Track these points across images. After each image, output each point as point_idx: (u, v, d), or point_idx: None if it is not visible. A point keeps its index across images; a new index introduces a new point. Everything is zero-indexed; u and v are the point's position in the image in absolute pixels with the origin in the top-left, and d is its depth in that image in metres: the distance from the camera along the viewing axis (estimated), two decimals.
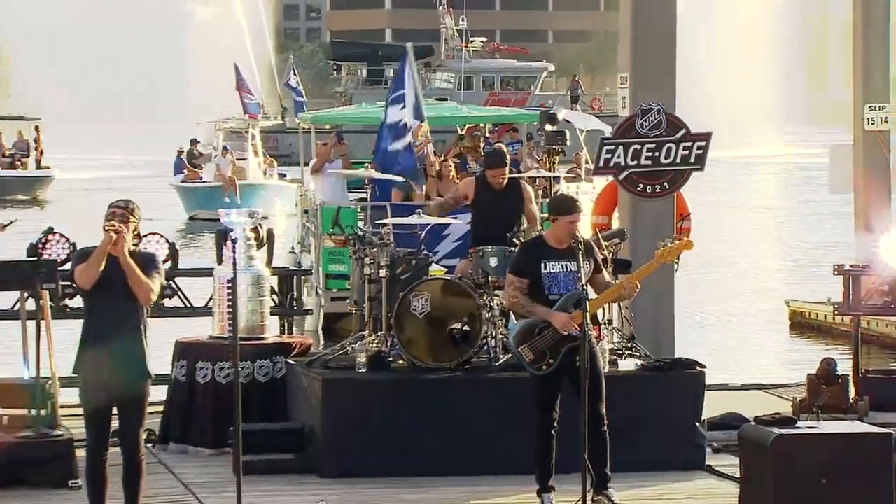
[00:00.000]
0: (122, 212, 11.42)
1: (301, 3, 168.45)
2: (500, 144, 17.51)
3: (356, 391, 14.17)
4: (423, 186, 22.92)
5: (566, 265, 12.54)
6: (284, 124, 62.83)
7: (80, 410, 12.67)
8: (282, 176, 48.69)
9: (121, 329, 11.62)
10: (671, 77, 16.45)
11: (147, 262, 11.51)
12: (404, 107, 16.56)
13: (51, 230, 17.69)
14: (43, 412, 14.00)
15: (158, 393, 15.28)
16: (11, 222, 18.44)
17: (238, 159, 52.15)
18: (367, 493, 13.13)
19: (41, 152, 63.48)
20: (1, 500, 13.20)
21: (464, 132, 30.12)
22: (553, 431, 12.48)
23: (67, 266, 15.73)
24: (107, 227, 11.27)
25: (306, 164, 29.84)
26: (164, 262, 17.59)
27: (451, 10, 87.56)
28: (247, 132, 53.82)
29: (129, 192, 49.12)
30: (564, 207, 12.83)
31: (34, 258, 16.26)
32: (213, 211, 38.30)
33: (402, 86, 16.87)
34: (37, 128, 66.68)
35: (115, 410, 11.77)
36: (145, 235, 16.88)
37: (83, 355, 11.60)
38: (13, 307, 16.60)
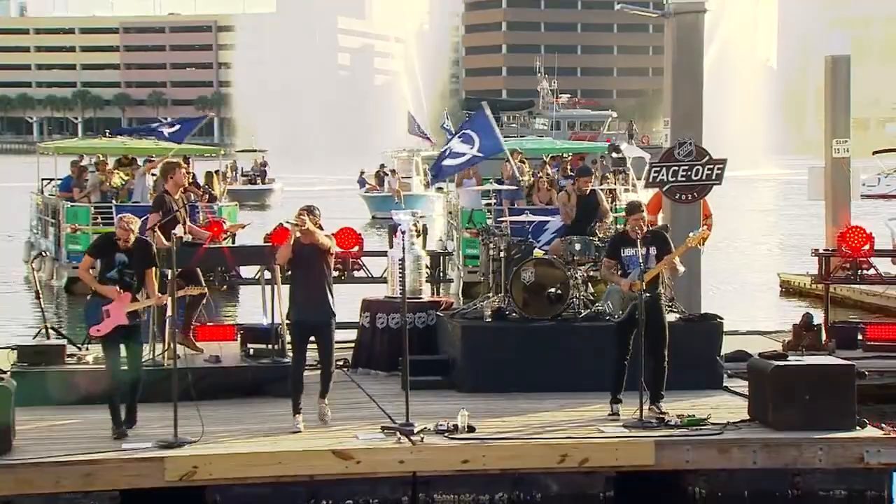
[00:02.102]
0: (304, 212, 12.36)
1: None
2: (587, 164, 17.77)
3: (483, 334, 14.42)
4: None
5: (636, 250, 12.68)
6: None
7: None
8: (438, 189, 49.35)
9: (314, 287, 12.55)
10: (699, 121, 16.54)
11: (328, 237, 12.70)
12: (472, 146, 16.21)
13: (280, 225, 16.55)
14: (276, 347, 14.24)
15: (349, 334, 16.03)
16: (248, 224, 18.23)
17: (404, 177, 53.00)
18: (492, 402, 13.25)
19: (265, 173, 65.43)
20: (251, 403, 13.43)
21: (547, 159, 30.31)
22: (625, 362, 12.77)
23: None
24: (293, 221, 12.43)
25: (451, 180, 30.62)
26: (352, 246, 17.92)
27: (546, 76, 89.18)
28: (412, 159, 54.68)
29: (330, 200, 49.69)
30: (630, 210, 13.18)
31: (268, 244, 15.77)
32: (387, 212, 38.80)
33: (475, 130, 16.68)
34: (263, 156, 68.61)
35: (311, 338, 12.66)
36: (341, 230, 17.75)
37: (293, 305, 12.70)
38: (255, 276, 16.92)
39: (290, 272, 13.12)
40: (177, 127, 26.91)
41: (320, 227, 12.65)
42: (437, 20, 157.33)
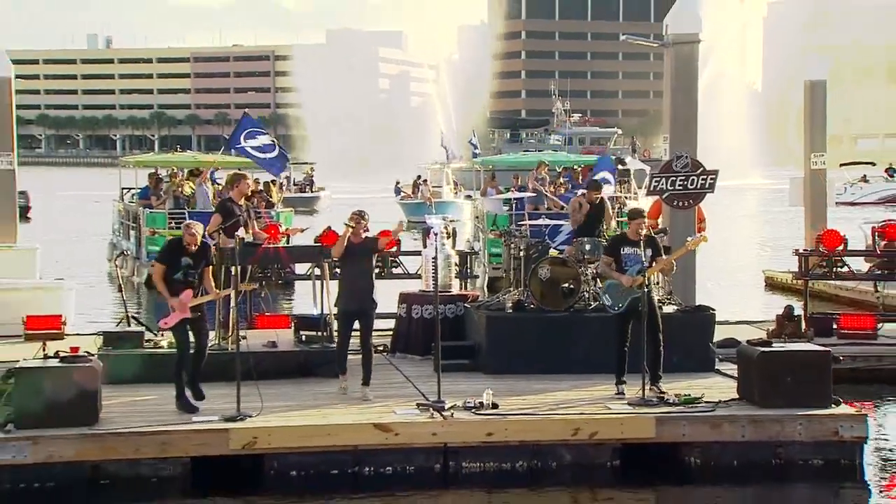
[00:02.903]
0: (356, 216, 12.84)
1: None
2: (597, 179, 17.65)
3: (505, 323, 14.37)
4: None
5: (636, 250, 12.64)
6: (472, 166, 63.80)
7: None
8: (468, 196, 49.35)
9: (360, 279, 12.94)
10: (694, 137, 16.47)
11: (373, 239, 13.23)
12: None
13: (329, 228, 17.49)
14: (324, 334, 14.26)
15: (388, 323, 16.08)
16: (306, 228, 18.17)
17: (435, 186, 53.11)
18: (513, 383, 13.19)
19: (313, 183, 65.76)
20: (303, 383, 13.44)
21: (560, 170, 30.05)
22: (626, 348, 12.72)
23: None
24: (346, 223, 12.81)
25: (478, 189, 30.61)
26: (390, 246, 18.48)
27: (560, 98, 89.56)
28: (444, 170, 54.79)
29: (370, 206, 49.74)
30: (632, 215, 13.16)
31: (318, 244, 16.14)
32: (420, 217, 38.87)
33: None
34: (312, 168, 68.96)
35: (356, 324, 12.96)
36: (381, 232, 17.66)
37: (342, 294, 13.04)
38: (307, 273, 16.90)
39: (339, 267, 13.25)
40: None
41: (367, 229, 12.97)
42: (466, 51, 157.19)
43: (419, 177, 56.54)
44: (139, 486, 11.03)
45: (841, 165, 42.03)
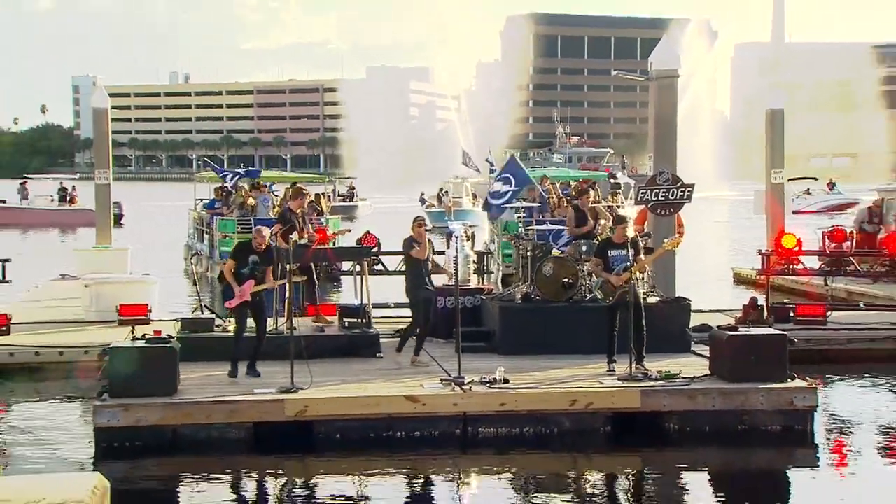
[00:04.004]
0: (422, 220, 13.44)
1: None
2: (585, 187, 17.42)
3: (515, 312, 14.31)
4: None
5: (621, 251, 12.59)
6: (490, 180, 63.48)
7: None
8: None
9: (429, 274, 13.40)
10: (674, 156, 16.37)
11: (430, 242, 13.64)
12: (510, 184, 16.04)
13: (367, 232, 17.57)
14: (363, 320, 14.26)
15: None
16: (349, 230, 17.86)
17: (456, 197, 52.93)
18: (521, 362, 13.09)
19: (354, 194, 65.70)
20: (346, 361, 13.37)
21: (572, 184, 29.94)
22: (615, 333, 12.67)
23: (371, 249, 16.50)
24: (426, 228, 13.57)
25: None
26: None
27: (561, 123, 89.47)
28: (464, 184, 54.62)
29: (400, 214, 49.67)
30: (618, 221, 13.15)
31: (359, 245, 16.32)
32: (443, 223, 38.86)
33: (510, 172, 16.49)
34: (353, 182, 68.91)
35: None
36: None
37: (420, 285, 13.35)
38: (350, 269, 16.89)
39: (412, 264, 13.29)
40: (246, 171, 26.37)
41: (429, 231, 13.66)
42: (483, 83, 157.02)
43: (441, 189, 56.50)
44: (210, 446, 11.06)
45: (789, 180, 41.95)
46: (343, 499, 9.82)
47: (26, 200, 55.34)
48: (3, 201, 55.67)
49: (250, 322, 12.60)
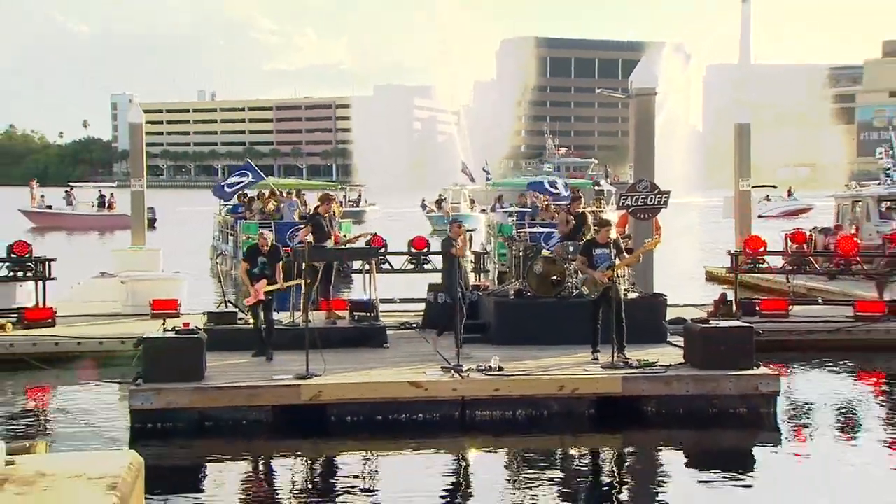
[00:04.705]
0: (460, 221, 13.48)
1: None
2: (577, 195, 17.37)
3: (509, 307, 14.27)
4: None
5: (605, 251, 12.54)
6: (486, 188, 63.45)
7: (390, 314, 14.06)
8: (482, 210, 49.15)
9: (465, 271, 13.48)
10: (652, 165, 16.26)
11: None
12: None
13: (375, 234, 17.56)
14: (371, 314, 14.19)
15: (420, 306, 15.82)
16: (364, 235, 17.30)
17: (454, 203, 52.80)
18: (514, 351, 13.01)
19: (362, 200, 65.55)
20: (356, 351, 13.17)
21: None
22: (598, 325, 12.65)
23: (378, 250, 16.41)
24: (466, 230, 13.42)
25: (489, 205, 30.36)
26: (424, 247, 17.70)
27: (550, 136, 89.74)
28: (462, 191, 54.50)
29: (404, 218, 49.51)
30: (601, 224, 13.09)
31: (368, 246, 16.28)
32: (442, 226, 38.81)
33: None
34: (361, 189, 68.87)
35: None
36: (416, 237, 17.55)
37: (457, 281, 12.88)
38: (359, 268, 16.90)
39: (449, 263, 13.08)
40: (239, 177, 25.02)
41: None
42: (480, 99, 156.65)
43: (441, 195, 56.43)
44: (234, 427, 11.05)
45: (752, 187, 42.19)
46: (354, 475, 9.79)
47: (70, 206, 55.85)
48: (50, 207, 56.10)
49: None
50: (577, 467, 10.17)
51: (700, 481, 9.61)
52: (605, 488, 9.55)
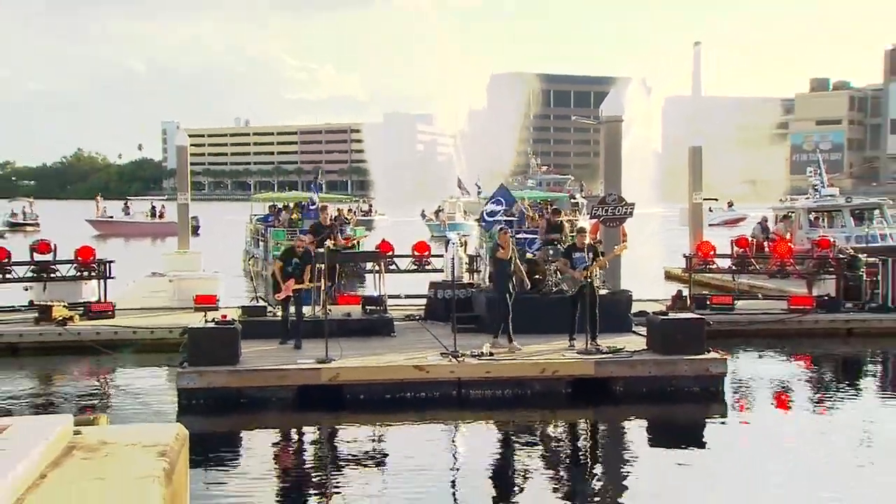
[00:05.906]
0: (506, 228, 12.82)
1: None
2: (557, 207, 17.27)
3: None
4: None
5: (582, 254, 12.53)
6: (478, 200, 62.99)
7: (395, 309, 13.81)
8: (476, 220, 48.76)
9: (511, 272, 12.56)
10: (619, 182, 16.18)
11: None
12: (498, 204, 15.78)
13: (383, 240, 17.38)
14: (381, 307, 14.17)
15: (422, 301, 15.70)
16: (367, 236, 18.05)
17: (450, 213, 52.63)
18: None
19: (371, 210, 65.20)
20: (368, 339, 13.07)
21: (541, 203, 29.72)
22: (575, 318, 12.59)
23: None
24: (501, 241, 12.46)
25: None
26: (425, 251, 17.51)
27: (534, 155, 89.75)
28: (458, 203, 54.31)
29: (408, 226, 49.27)
30: (578, 231, 13.14)
31: (377, 251, 16.17)
32: (441, 233, 38.83)
33: (500, 196, 16.24)
34: (372, 201, 68.63)
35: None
36: (419, 242, 17.41)
37: (505, 281, 12.41)
38: (371, 268, 16.81)
39: (496, 265, 12.49)
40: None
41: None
42: (475, 125, 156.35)
43: (439, 206, 56.32)
44: (265, 404, 10.99)
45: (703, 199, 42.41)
46: (366, 443, 9.73)
47: (128, 216, 56.59)
48: (111, 217, 56.53)
49: (291, 308, 12.73)
50: (556, 437, 10.13)
51: (661, 447, 9.69)
52: (580, 454, 9.52)
